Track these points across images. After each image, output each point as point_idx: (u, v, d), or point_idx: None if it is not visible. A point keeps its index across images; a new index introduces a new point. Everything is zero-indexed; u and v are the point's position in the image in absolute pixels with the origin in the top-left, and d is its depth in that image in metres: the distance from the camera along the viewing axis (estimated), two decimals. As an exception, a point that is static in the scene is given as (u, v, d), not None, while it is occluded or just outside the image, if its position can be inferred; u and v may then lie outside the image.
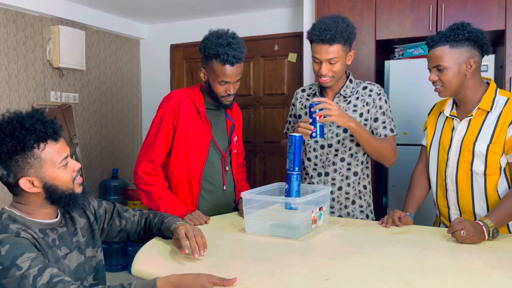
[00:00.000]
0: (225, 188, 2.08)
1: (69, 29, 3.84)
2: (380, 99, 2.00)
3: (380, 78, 3.18)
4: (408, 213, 1.85)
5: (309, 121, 1.81)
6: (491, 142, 1.71)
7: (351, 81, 2.04)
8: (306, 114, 2.10)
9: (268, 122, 4.31)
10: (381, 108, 1.99)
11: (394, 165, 2.08)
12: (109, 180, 4.24)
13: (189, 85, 4.57)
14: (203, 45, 1.95)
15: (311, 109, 1.80)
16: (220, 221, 1.92)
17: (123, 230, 1.62)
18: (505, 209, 1.64)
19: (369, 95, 2.01)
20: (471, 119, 1.77)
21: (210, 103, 2.06)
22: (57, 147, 1.31)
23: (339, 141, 2.02)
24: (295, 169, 1.78)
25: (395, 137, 2.03)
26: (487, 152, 1.71)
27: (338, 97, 2.03)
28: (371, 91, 2.02)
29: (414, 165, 2.02)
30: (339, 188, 2.04)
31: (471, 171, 1.76)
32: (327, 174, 2.04)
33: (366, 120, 2.00)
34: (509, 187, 1.73)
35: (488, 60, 2.78)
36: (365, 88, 2.03)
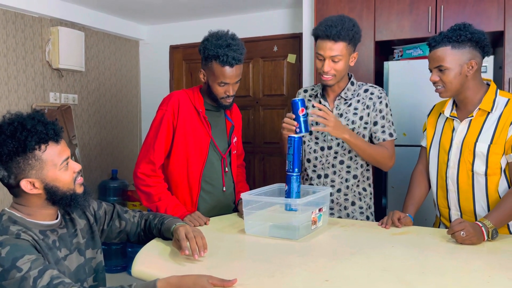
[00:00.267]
0: (224, 189, 2.08)
1: (68, 30, 3.84)
2: (380, 102, 1.99)
3: (379, 79, 3.18)
4: (407, 214, 1.85)
5: (293, 117, 1.83)
6: (491, 142, 1.71)
7: (352, 84, 2.04)
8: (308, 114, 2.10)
9: (267, 123, 4.31)
10: (381, 111, 1.99)
11: (393, 166, 2.08)
12: (109, 181, 4.24)
13: (188, 86, 4.58)
14: (203, 46, 1.95)
15: (309, 111, 1.81)
16: (219, 222, 1.92)
17: (123, 231, 1.62)
18: (504, 209, 1.64)
19: (370, 98, 2.01)
20: (471, 119, 1.77)
21: (209, 104, 2.06)
22: (58, 149, 1.31)
23: (338, 144, 2.02)
24: (295, 170, 1.78)
25: (393, 142, 2.02)
26: (488, 152, 1.72)
27: (339, 99, 2.03)
28: (372, 94, 2.02)
29: (413, 166, 2.02)
30: (338, 190, 2.04)
31: (472, 171, 1.76)
32: (327, 176, 2.04)
33: (366, 123, 2.00)
34: (509, 188, 1.74)
35: (487, 61, 2.78)
36: (366, 90, 2.03)
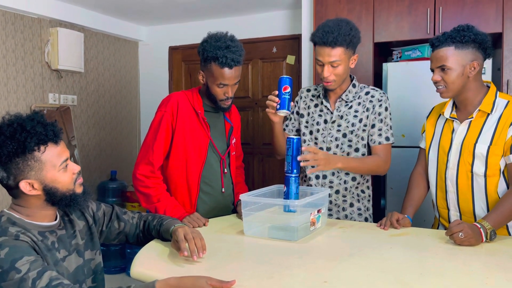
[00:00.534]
0: (223, 190, 2.09)
1: (68, 31, 3.85)
2: (380, 105, 2.00)
3: (378, 80, 3.19)
4: (406, 215, 1.85)
5: (276, 94, 1.86)
6: (491, 143, 1.71)
7: (354, 86, 2.04)
8: (309, 114, 2.11)
9: (266, 124, 4.31)
10: (379, 114, 1.99)
11: (392, 168, 2.08)
12: (108, 182, 4.24)
13: (187, 87, 4.58)
14: (202, 47, 1.95)
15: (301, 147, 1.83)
16: (218, 223, 1.92)
17: (121, 232, 1.62)
18: (502, 211, 1.65)
19: (370, 101, 2.01)
20: (471, 121, 1.77)
21: (208, 105, 2.06)
22: (57, 150, 1.31)
23: (337, 145, 2.02)
24: (293, 171, 1.79)
25: (389, 146, 2.02)
26: (487, 153, 1.72)
27: (340, 101, 2.03)
28: (372, 96, 2.02)
29: (412, 168, 2.02)
30: (337, 191, 2.04)
31: (472, 172, 1.76)
32: (325, 177, 2.04)
33: (365, 125, 2.00)
34: (508, 189, 1.74)
35: (485, 62, 2.78)
36: (367, 93, 2.03)
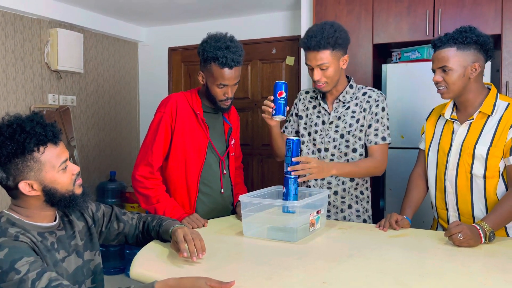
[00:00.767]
0: (223, 191, 2.09)
1: (67, 32, 3.85)
2: (377, 106, 2.00)
3: (377, 81, 3.19)
4: (405, 217, 1.85)
5: (271, 99, 1.87)
6: (491, 145, 1.72)
7: (351, 87, 2.05)
8: (307, 116, 2.11)
9: (265, 125, 4.26)
10: (376, 115, 2.00)
11: (391, 169, 2.09)
12: (107, 182, 4.24)
13: (187, 88, 4.58)
14: (202, 48, 1.95)
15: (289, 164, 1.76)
16: (218, 224, 1.92)
17: (121, 233, 1.62)
18: (501, 212, 1.65)
19: (367, 101, 2.02)
20: (471, 122, 1.78)
21: (207, 106, 2.06)
22: (57, 151, 1.31)
23: (335, 146, 2.03)
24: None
25: (386, 146, 2.02)
26: (487, 155, 1.72)
27: (337, 103, 2.04)
28: (369, 97, 2.02)
29: (411, 169, 2.03)
30: (335, 192, 2.05)
31: (471, 174, 1.77)
32: (323, 178, 2.04)
33: (362, 126, 2.01)
34: (507, 190, 1.74)
35: (484, 64, 2.80)
36: (364, 94, 2.04)
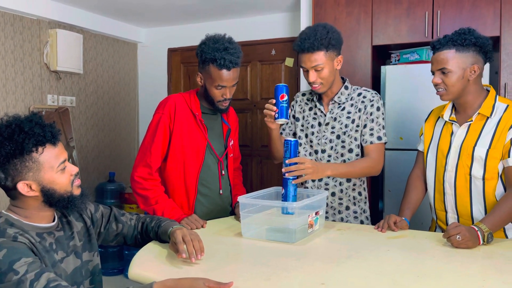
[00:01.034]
0: (221, 192, 2.09)
1: (67, 33, 3.85)
2: (372, 105, 2.01)
3: (376, 83, 3.20)
4: (403, 218, 1.85)
5: (273, 102, 1.86)
6: (490, 147, 1.72)
7: (346, 88, 2.05)
8: (304, 118, 2.12)
9: (264, 126, 4.28)
10: (371, 114, 2.00)
11: (390, 170, 2.09)
12: (106, 183, 4.23)
13: (186, 89, 4.58)
14: (200, 49, 1.96)
15: (285, 165, 1.76)
16: (216, 225, 1.92)
17: (119, 234, 1.62)
18: (499, 214, 1.65)
19: (362, 102, 2.02)
20: (470, 124, 1.78)
21: (206, 107, 2.06)
22: (56, 151, 1.31)
23: (332, 147, 2.03)
24: (292, 173, 1.79)
25: (382, 145, 2.02)
26: (486, 157, 1.73)
27: (332, 104, 2.05)
28: (364, 97, 2.03)
29: (410, 170, 2.03)
30: (333, 193, 2.05)
31: (470, 175, 1.77)
32: (320, 179, 2.05)
33: (357, 126, 2.01)
34: (506, 192, 1.75)
35: (483, 66, 2.80)
36: (359, 94, 2.05)
